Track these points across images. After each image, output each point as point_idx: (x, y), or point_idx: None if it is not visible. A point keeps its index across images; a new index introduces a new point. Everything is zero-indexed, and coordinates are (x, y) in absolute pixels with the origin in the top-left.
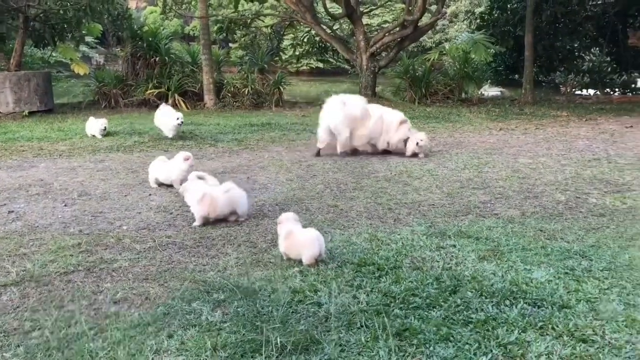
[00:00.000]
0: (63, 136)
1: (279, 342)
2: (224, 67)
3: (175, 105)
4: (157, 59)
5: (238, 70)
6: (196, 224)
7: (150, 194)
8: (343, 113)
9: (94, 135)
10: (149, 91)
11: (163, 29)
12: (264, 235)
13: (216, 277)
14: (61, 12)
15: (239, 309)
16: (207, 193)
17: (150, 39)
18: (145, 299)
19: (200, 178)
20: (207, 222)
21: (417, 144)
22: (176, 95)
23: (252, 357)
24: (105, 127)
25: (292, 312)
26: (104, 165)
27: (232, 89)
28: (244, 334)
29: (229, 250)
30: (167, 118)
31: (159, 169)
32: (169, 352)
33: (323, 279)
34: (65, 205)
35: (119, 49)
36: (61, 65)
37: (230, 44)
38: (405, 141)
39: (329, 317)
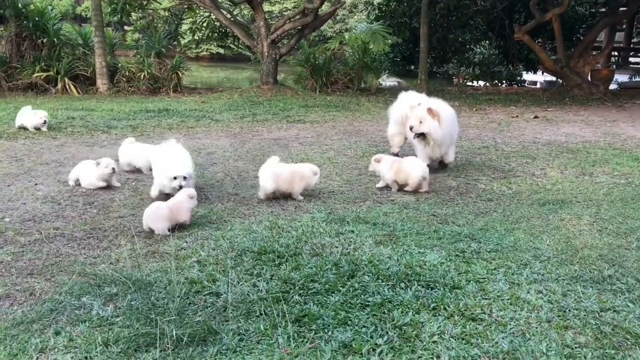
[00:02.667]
0: None
1: (174, 334)
2: (118, 51)
3: (65, 90)
4: (45, 40)
5: (134, 54)
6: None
7: (36, 184)
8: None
9: (25, 128)
10: (36, 74)
11: (52, 9)
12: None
13: (108, 269)
14: None
15: (132, 303)
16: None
17: (37, 18)
18: (29, 295)
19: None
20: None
21: None
22: (66, 79)
23: (146, 351)
24: (46, 120)
25: (189, 303)
26: None
27: (127, 73)
28: (137, 328)
29: (122, 242)
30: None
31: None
32: (56, 350)
33: (222, 269)
34: None
35: (1, 29)
36: None
37: (125, 27)
38: None
39: (228, 307)
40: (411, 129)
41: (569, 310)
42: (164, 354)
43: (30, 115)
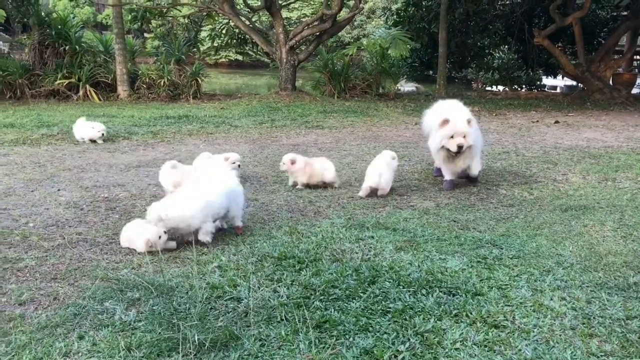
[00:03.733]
0: None
1: (196, 339)
2: (139, 58)
3: (86, 97)
4: (67, 47)
5: (154, 61)
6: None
7: (59, 189)
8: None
9: (83, 140)
10: (58, 81)
11: (73, 17)
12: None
13: (130, 274)
14: None
15: (154, 307)
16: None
17: (59, 26)
18: (53, 300)
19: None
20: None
21: None
22: (87, 86)
23: (168, 356)
24: (103, 133)
25: (211, 308)
26: (8, 159)
27: (147, 79)
28: (159, 333)
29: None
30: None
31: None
32: (80, 354)
33: (243, 274)
34: None
35: (25, 37)
36: None
37: (146, 34)
38: None
39: (249, 312)
40: (460, 148)
41: (594, 318)
42: (186, 359)
43: (86, 127)
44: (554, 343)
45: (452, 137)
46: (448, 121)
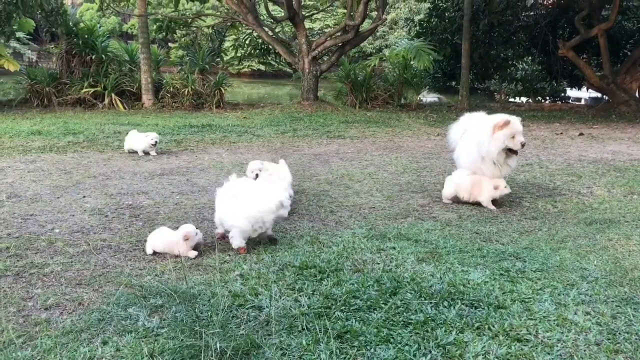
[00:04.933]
0: None
1: (218, 347)
2: (163, 67)
3: (111, 105)
4: (94, 57)
5: (178, 71)
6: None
7: (84, 196)
8: None
9: (135, 152)
10: (84, 90)
11: (100, 27)
12: (204, 238)
13: (153, 281)
14: None
15: (177, 314)
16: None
17: (86, 36)
18: (78, 305)
19: None
20: None
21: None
22: (113, 95)
23: None
24: (156, 142)
25: (233, 316)
26: (35, 166)
27: (171, 89)
28: (182, 340)
29: (167, 254)
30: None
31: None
32: (104, 359)
33: (264, 283)
34: None
35: (52, 46)
36: None
37: (170, 44)
38: None
39: (270, 321)
40: (523, 145)
41: (619, 334)
42: None
43: (139, 138)
44: (578, 358)
45: (513, 136)
46: (509, 122)
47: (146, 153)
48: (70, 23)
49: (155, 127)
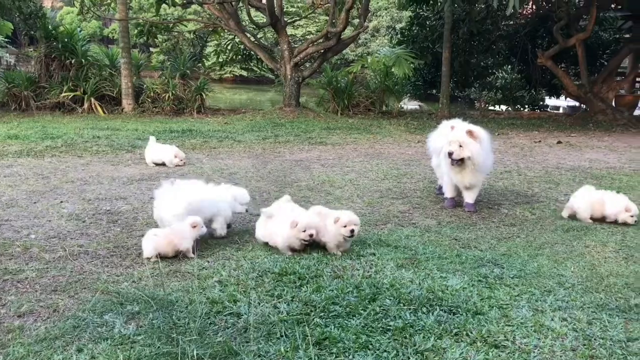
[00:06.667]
0: None
1: (195, 354)
2: (144, 72)
3: (91, 110)
4: (73, 60)
5: (159, 75)
6: None
7: (61, 201)
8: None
9: (154, 164)
10: (63, 94)
11: (80, 30)
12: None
13: (130, 288)
14: None
15: (154, 321)
16: None
17: (65, 39)
18: (53, 312)
19: None
20: None
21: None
22: (92, 99)
23: None
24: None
25: (210, 323)
26: (11, 170)
27: (152, 93)
28: (159, 347)
29: (145, 260)
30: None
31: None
32: None
33: (243, 289)
34: None
35: (31, 50)
36: None
37: (151, 48)
38: None
39: (248, 328)
40: (450, 155)
41: (595, 339)
42: None
43: (161, 149)
44: None
45: (450, 143)
46: (454, 127)
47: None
48: (50, 26)
49: (135, 131)
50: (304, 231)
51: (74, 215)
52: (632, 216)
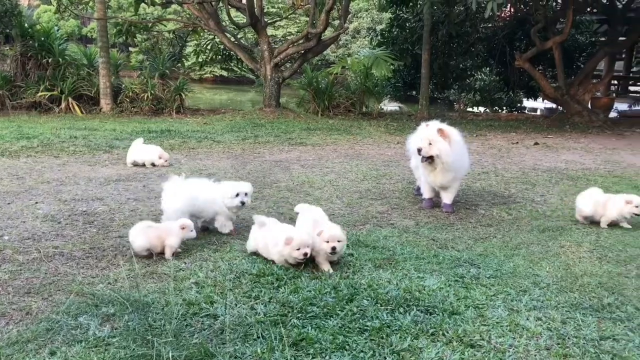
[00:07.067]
0: None
1: (171, 356)
2: (123, 71)
3: (68, 109)
4: (50, 59)
5: (138, 75)
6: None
7: (37, 202)
8: None
9: (134, 165)
10: (40, 93)
11: (58, 29)
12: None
13: (106, 289)
14: None
15: (129, 323)
16: None
17: (42, 38)
18: (26, 314)
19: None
20: None
21: None
22: (70, 99)
23: None
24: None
25: (186, 325)
26: None
27: (130, 93)
28: (134, 349)
29: (121, 262)
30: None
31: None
32: None
33: (220, 291)
34: None
35: (7, 48)
36: None
37: (130, 48)
38: None
39: (225, 330)
40: (419, 151)
41: (569, 338)
42: None
43: (145, 150)
44: None
45: (420, 140)
46: (427, 125)
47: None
48: (26, 25)
49: (113, 131)
50: (298, 249)
51: (49, 216)
52: (637, 206)
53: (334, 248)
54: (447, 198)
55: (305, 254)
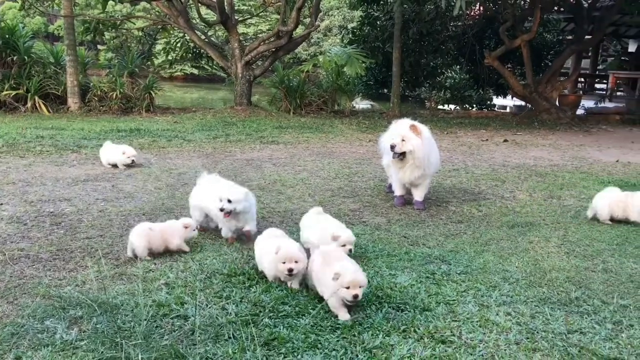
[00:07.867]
0: None
1: (140, 358)
2: (91, 70)
3: (34, 108)
4: (15, 57)
5: (106, 74)
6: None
7: (1, 204)
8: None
9: (114, 165)
10: (5, 92)
11: (23, 27)
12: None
13: (73, 292)
14: None
15: (97, 326)
16: None
17: (7, 35)
18: None
19: None
20: None
21: None
22: (36, 98)
23: None
24: (134, 159)
25: (156, 326)
26: None
27: (99, 92)
28: (102, 352)
29: (89, 263)
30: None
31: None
32: None
33: (191, 291)
34: None
35: None
36: None
37: (99, 46)
38: None
39: (195, 331)
40: (392, 148)
41: (537, 332)
42: None
43: (114, 151)
44: (499, 358)
45: (393, 137)
46: (397, 122)
47: (115, 166)
48: None
49: (80, 131)
50: (284, 263)
51: (14, 217)
52: None
53: (290, 270)
54: (418, 195)
55: (290, 270)
